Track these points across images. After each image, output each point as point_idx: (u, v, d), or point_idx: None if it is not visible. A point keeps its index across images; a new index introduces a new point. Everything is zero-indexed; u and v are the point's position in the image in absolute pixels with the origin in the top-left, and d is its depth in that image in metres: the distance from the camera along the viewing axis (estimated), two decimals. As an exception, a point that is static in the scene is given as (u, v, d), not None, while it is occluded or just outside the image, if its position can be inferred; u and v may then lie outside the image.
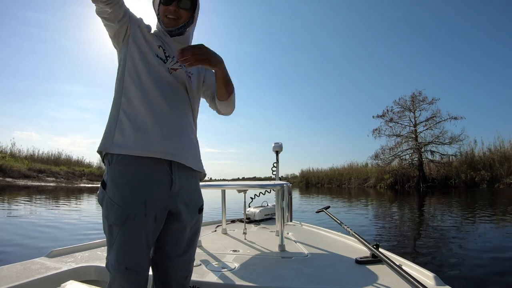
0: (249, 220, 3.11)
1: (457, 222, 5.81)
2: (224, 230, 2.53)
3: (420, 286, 1.01)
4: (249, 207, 3.27)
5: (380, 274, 1.42)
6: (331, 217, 2.33)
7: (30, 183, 17.53)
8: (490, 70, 31.06)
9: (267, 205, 3.40)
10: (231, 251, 1.90)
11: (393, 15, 42.31)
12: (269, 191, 3.11)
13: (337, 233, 2.38)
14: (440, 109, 20.12)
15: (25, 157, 22.24)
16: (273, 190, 2.61)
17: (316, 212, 2.61)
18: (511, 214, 6.66)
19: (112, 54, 1.12)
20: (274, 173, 3.05)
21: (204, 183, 2.07)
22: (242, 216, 2.69)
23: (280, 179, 3.23)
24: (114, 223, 0.91)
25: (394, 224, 5.85)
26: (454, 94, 31.74)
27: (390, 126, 21.66)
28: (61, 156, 24.68)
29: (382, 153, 21.78)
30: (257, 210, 3.18)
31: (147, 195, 0.92)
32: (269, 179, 3.54)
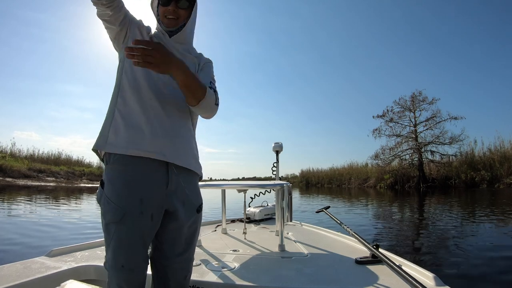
0: (249, 220, 3.11)
1: (457, 222, 5.81)
2: (224, 230, 2.53)
3: (420, 286, 1.01)
4: (249, 207, 3.27)
5: (380, 274, 1.42)
6: (331, 217, 2.33)
7: (30, 183, 17.53)
8: (490, 70, 31.10)
9: (267, 205, 3.40)
10: (231, 251, 1.90)
11: (393, 15, 42.35)
12: (269, 191, 3.11)
13: (337, 233, 2.38)
14: (440, 109, 20.18)
15: (25, 157, 22.25)
16: (273, 190, 2.61)
17: (316, 212, 2.62)
18: (511, 214, 6.67)
19: (112, 54, 1.13)
20: (274, 173, 3.05)
21: (204, 183, 2.07)
22: (242, 216, 2.69)
23: (280, 179, 3.23)
24: (111, 221, 0.92)
25: (394, 224, 5.84)
26: (454, 94, 31.80)
27: (390, 126, 21.72)
28: (61, 156, 24.75)
29: (382, 153, 21.83)
30: (257, 210, 3.18)
31: (143, 194, 0.93)
32: (269, 179, 3.54)
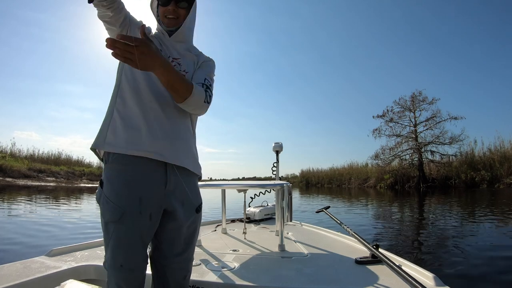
0: (249, 220, 3.11)
1: (457, 222, 5.81)
2: (224, 230, 2.53)
3: (420, 287, 1.01)
4: (249, 207, 3.27)
5: (380, 274, 1.42)
6: (331, 217, 2.33)
7: (30, 183, 17.53)
8: (490, 70, 31.06)
9: (267, 205, 3.40)
10: (231, 251, 1.90)
11: (393, 15, 42.31)
12: (269, 191, 3.11)
13: (337, 233, 2.38)
14: (440, 109, 20.18)
15: (25, 157, 22.25)
16: (273, 190, 2.61)
17: (316, 212, 2.62)
18: (511, 214, 6.67)
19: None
20: (274, 173, 3.05)
21: (204, 183, 2.07)
22: (242, 216, 2.69)
23: (280, 179, 3.23)
24: (110, 221, 0.92)
25: (394, 224, 5.84)
26: (454, 94, 31.76)
27: (390, 126, 21.72)
28: (61, 156, 24.74)
29: (382, 153, 21.83)
30: (257, 210, 3.18)
31: (142, 193, 0.93)
32: (269, 179, 3.54)
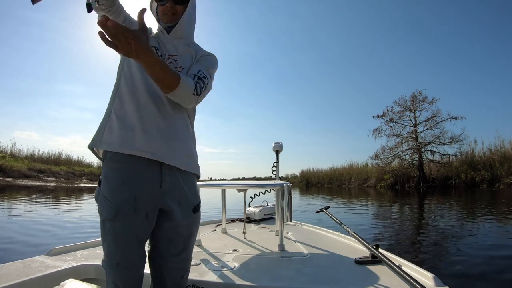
0: (249, 220, 3.11)
1: (457, 222, 5.81)
2: (224, 230, 2.53)
3: (419, 287, 1.01)
4: (249, 207, 3.27)
5: (380, 275, 1.42)
6: (331, 217, 2.33)
7: (30, 183, 17.52)
8: (490, 70, 31.01)
9: (267, 205, 3.40)
10: (231, 251, 1.90)
11: (393, 15, 42.23)
12: (269, 191, 3.11)
13: (337, 233, 2.38)
14: (440, 109, 20.15)
15: (25, 157, 22.23)
16: (273, 190, 2.61)
17: (316, 212, 2.62)
18: (511, 214, 6.66)
19: (112, 54, 1.13)
20: (274, 173, 3.05)
21: (204, 183, 2.07)
22: (242, 216, 2.69)
23: (280, 179, 3.23)
24: (106, 218, 0.94)
25: (394, 224, 5.84)
26: (454, 94, 31.76)
27: (390, 126, 21.70)
28: (61, 156, 24.70)
29: (382, 153, 21.81)
30: (257, 210, 3.18)
31: (137, 192, 0.94)
32: (269, 179, 3.54)
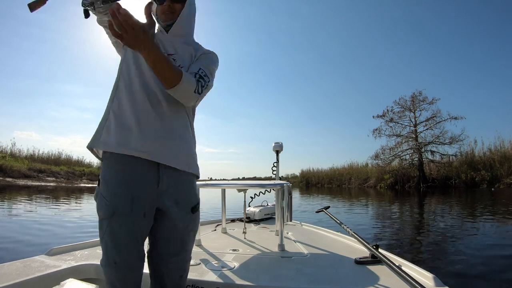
0: (249, 220, 3.11)
1: (457, 222, 5.81)
2: (224, 229, 2.53)
3: (419, 287, 1.01)
4: (249, 207, 3.27)
5: (380, 275, 1.42)
6: (331, 217, 2.33)
7: (30, 183, 17.51)
8: (490, 70, 31.00)
9: (267, 205, 3.40)
10: (231, 251, 1.90)
11: (393, 15, 42.19)
12: (269, 191, 3.11)
13: (337, 233, 2.38)
14: (440, 109, 20.17)
15: (25, 157, 22.20)
16: (273, 190, 2.61)
17: (316, 212, 2.61)
18: (511, 214, 6.66)
19: (112, 54, 1.14)
20: (274, 173, 3.05)
21: (204, 183, 2.07)
22: (242, 216, 2.69)
23: (280, 179, 3.23)
24: (103, 217, 0.94)
25: (394, 224, 5.84)
26: (454, 94, 31.80)
27: (390, 126, 21.72)
28: (61, 156, 24.67)
29: (382, 153, 21.82)
30: (257, 210, 3.18)
31: (134, 192, 0.94)
32: (269, 179, 3.54)
